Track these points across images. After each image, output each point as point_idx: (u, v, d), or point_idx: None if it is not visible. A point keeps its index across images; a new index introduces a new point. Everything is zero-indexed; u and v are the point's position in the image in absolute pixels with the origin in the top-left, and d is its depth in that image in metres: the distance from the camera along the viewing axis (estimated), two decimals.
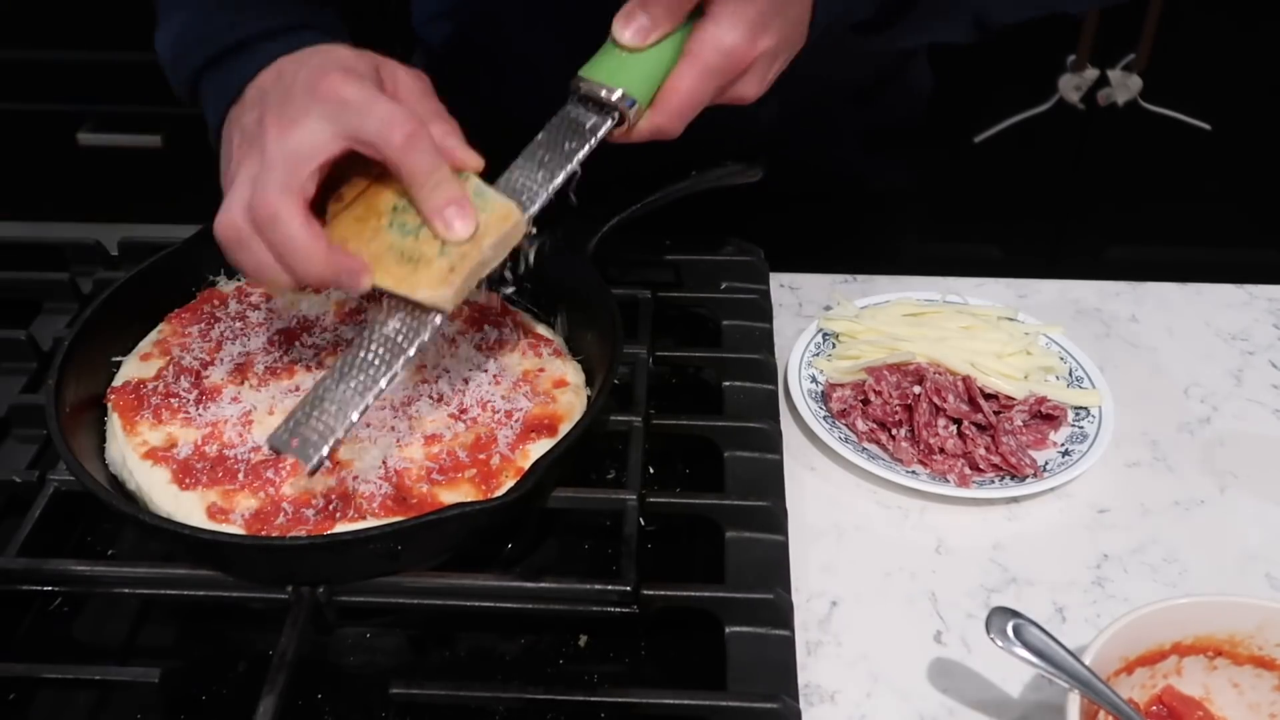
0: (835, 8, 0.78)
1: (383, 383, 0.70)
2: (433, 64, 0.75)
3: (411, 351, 0.70)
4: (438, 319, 0.70)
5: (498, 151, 0.74)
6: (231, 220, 0.69)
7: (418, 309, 0.70)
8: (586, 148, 0.73)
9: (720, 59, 0.71)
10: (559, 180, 0.72)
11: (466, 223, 0.69)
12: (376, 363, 0.70)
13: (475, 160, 0.71)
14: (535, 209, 0.72)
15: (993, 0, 0.91)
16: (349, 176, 0.72)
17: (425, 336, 0.70)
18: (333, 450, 0.68)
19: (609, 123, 0.72)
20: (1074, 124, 2.11)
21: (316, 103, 0.68)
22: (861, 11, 0.83)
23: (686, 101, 0.72)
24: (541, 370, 0.85)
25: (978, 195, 2.21)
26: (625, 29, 0.71)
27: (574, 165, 0.73)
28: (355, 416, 0.69)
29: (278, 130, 0.69)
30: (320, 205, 0.72)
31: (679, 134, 0.74)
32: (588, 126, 0.73)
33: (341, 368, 0.70)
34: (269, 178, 0.68)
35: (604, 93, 0.72)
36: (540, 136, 0.74)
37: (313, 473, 0.69)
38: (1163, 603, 0.68)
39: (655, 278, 1.01)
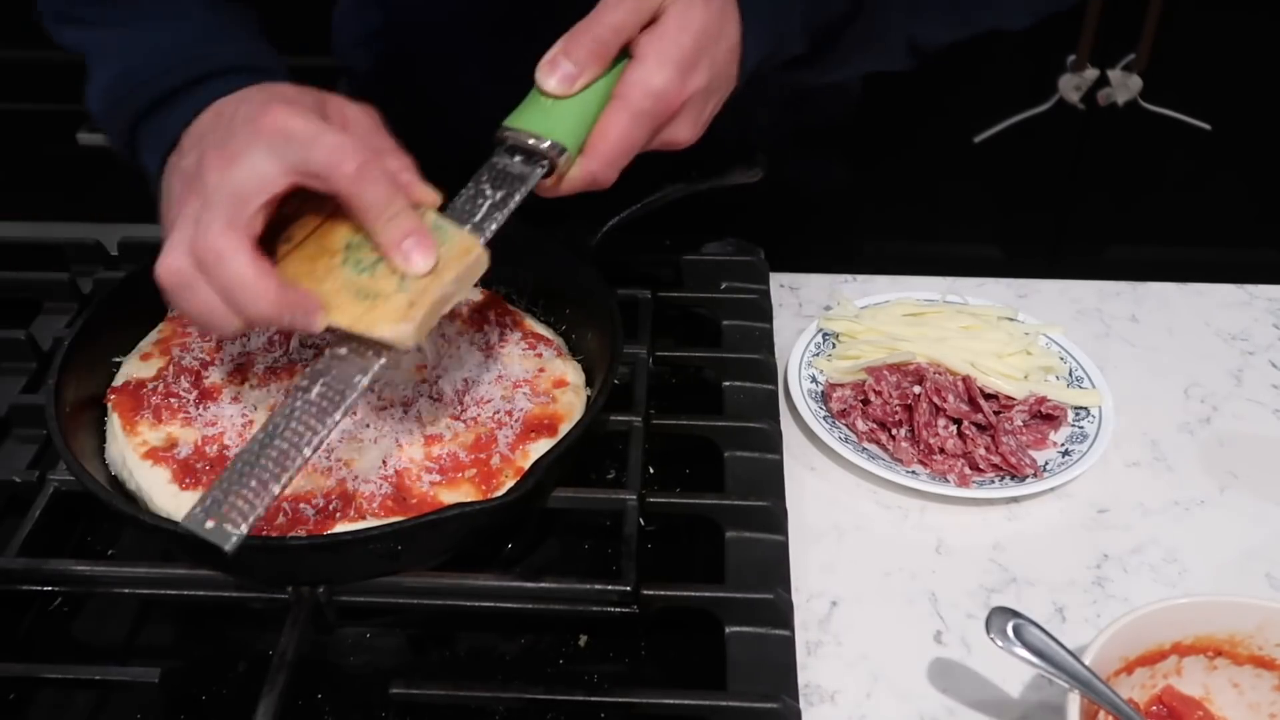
0: (765, 46, 0.76)
1: (314, 443, 0.65)
2: (357, 94, 0.73)
3: (339, 413, 0.65)
4: (378, 365, 0.66)
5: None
6: (174, 263, 0.65)
7: (361, 355, 0.67)
8: (516, 199, 0.70)
9: (650, 101, 0.69)
10: (489, 233, 0.69)
11: (426, 255, 0.65)
12: (308, 420, 0.65)
13: (432, 195, 0.68)
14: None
15: (923, 25, 0.89)
16: (298, 216, 0.69)
17: (359, 390, 0.66)
18: (253, 527, 0.63)
19: (539, 172, 0.70)
20: (1074, 124, 2.11)
21: (260, 137, 0.65)
22: (793, 48, 0.81)
23: (618, 147, 0.70)
24: (541, 370, 0.85)
25: (978, 195, 2.21)
26: (550, 77, 0.69)
27: (504, 218, 0.69)
28: (277, 489, 0.63)
29: (219, 167, 0.65)
30: (270, 248, 0.68)
31: (613, 181, 0.72)
32: (516, 176, 0.70)
33: (270, 426, 0.65)
34: (212, 216, 0.64)
35: (531, 142, 0.69)
36: (469, 188, 0.71)
37: (231, 552, 0.62)
38: (1163, 603, 0.68)
39: (655, 278, 1.01)
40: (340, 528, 0.71)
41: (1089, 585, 0.82)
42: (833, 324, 1.01)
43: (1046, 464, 0.89)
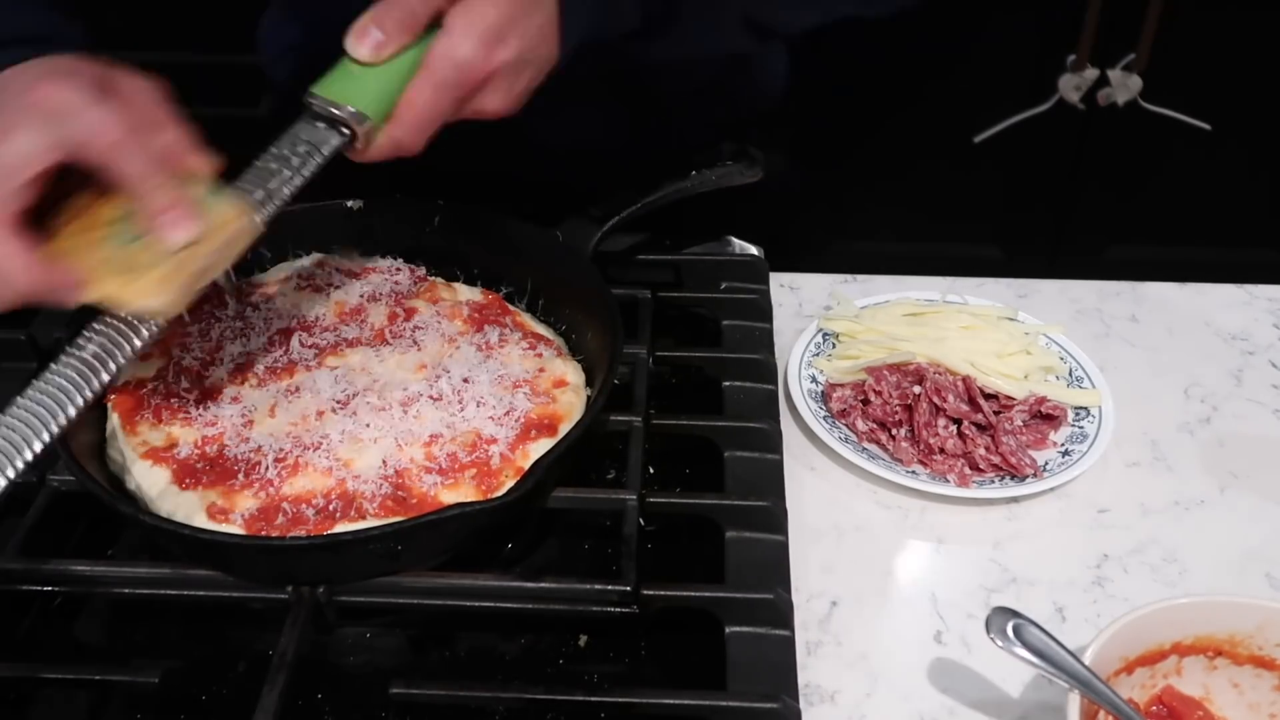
0: (590, 19, 0.76)
1: (70, 411, 0.67)
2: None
3: (106, 374, 0.68)
4: (145, 332, 0.69)
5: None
6: None
7: (128, 322, 0.69)
8: (313, 164, 0.71)
9: (455, 73, 0.70)
10: (286, 194, 0.71)
11: (185, 228, 0.66)
12: (68, 386, 0.67)
13: (205, 164, 0.69)
14: (260, 220, 0.70)
15: (763, 6, 0.89)
16: (81, 191, 0.70)
17: (125, 355, 0.69)
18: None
19: (336, 139, 0.71)
20: (1074, 124, 2.11)
21: (27, 112, 0.65)
22: (627, 22, 0.81)
23: (423, 115, 0.71)
24: (541, 370, 0.85)
25: (978, 195, 2.21)
26: (359, 45, 0.70)
27: (301, 183, 0.71)
28: (30, 454, 0.65)
29: None
30: (52, 222, 0.69)
31: (419, 149, 0.73)
32: (316, 143, 0.71)
33: (32, 391, 0.67)
34: None
35: (334, 110, 0.71)
36: (271, 150, 0.72)
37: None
38: (1163, 603, 0.68)
39: (655, 278, 1.01)
40: (340, 528, 0.71)
41: (1089, 585, 0.82)
42: (833, 324, 1.01)
43: (1046, 464, 0.89)
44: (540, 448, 0.78)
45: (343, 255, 0.96)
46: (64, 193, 0.68)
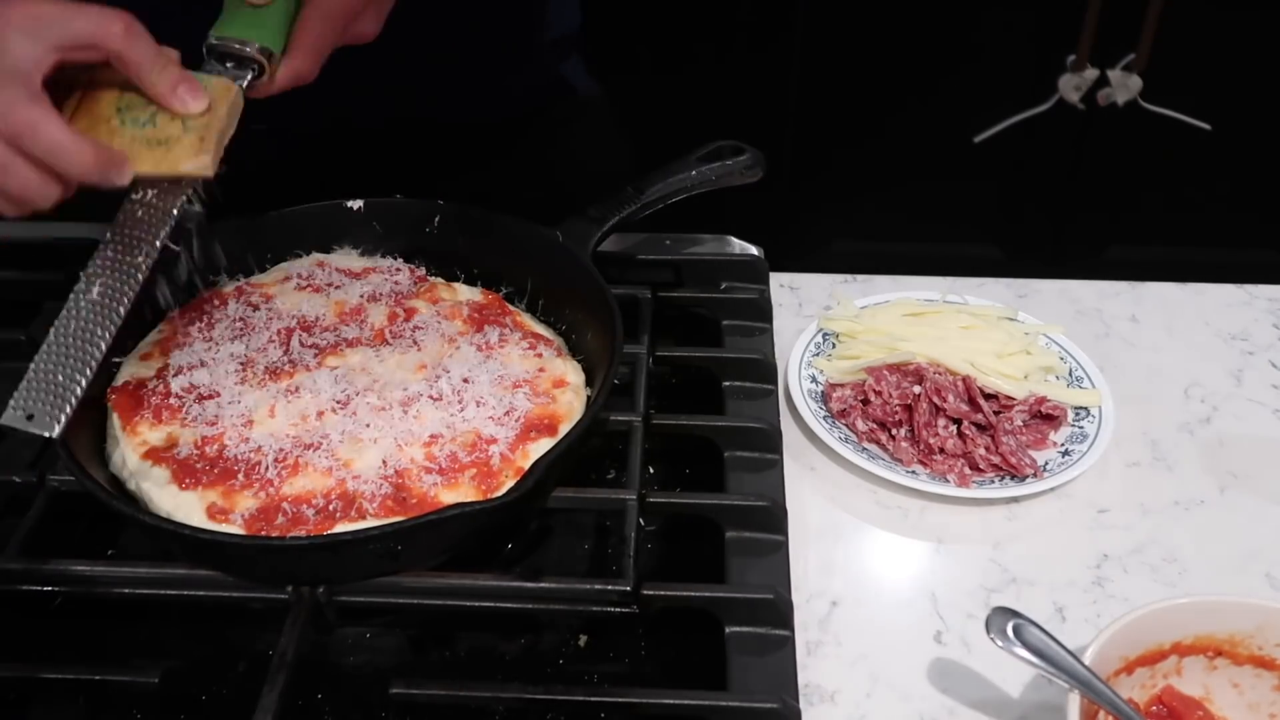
0: None
1: (109, 333, 0.71)
2: None
3: (154, 247, 0.73)
4: (175, 208, 0.73)
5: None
6: None
7: (159, 200, 0.73)
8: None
9: (338, 5, 0.78)
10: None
11: (200, 97, 0.73)
12: (96, 318, 0.71)
13: (172, 51, 0.73)
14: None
15: None
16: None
17: (164, 234, 0.73)
18: (74, 409, 0.68)
19: (249, 75, 0.76)
20: (1074, 124, 2.11)
21: (12, 27, 0.68)
22: None
23: (317, 44, 0.78)
24: (541, 370, 0.85)
25: (978, 195, 2.21)
26: None
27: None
28: (95, 364, 0.70)
29: None
30: None
31: (314, 77, 0.79)
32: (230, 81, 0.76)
33: (59, 328, 0.71)
34: (5, 97, 0.67)
35: (239, 47, 0.76)
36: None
37: (56, 439, 0.68)
38: (1163, 603, 0.68)
39: (655, 278, 1.01)
40: (340, 528, 0.71)
41: (1089, 585, 0.82)
42: (833, 324, 1.01)
43: (1046, 464, 0.89)
44: (540, 448, 0.78)
45: (343, 255, 0.96)
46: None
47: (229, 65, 0.76)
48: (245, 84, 0.76)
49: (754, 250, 1.08)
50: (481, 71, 1.11)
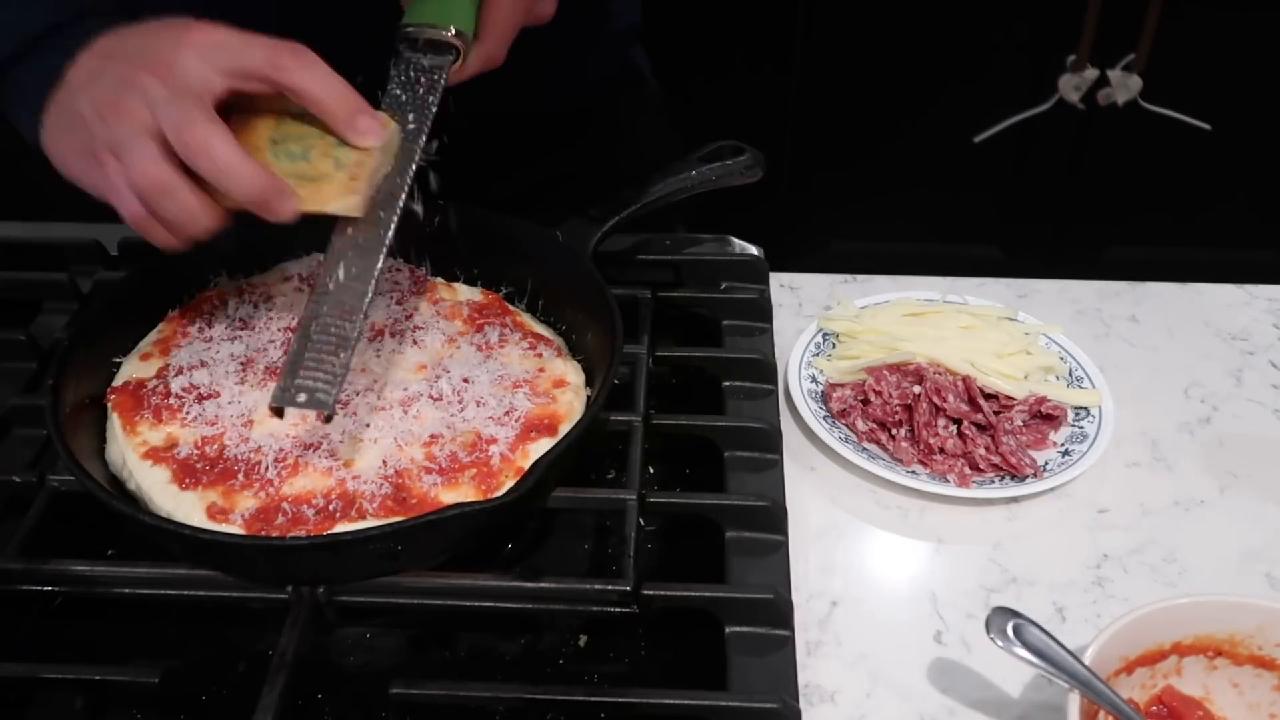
0: None
1: (364, 307, 0.72)
2: None
3: (374, 277, 0.73)
4: (388, 238, 0.73)
5: None
6: (152, 170, 0.67)
7: (360, 241, 0.73)
8: (438, 91, 0.75)
9: None
10: (427, 129, 0.75)
11: (375, 130, 0.71)
12: (347, 297, 0.72)
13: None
14: (417, 131, 0.75)
15: None
16: None
17: (381, 258, 0.73)
18: (340, 390, 0.71)
19: (450, 59, 0.75)
20: (1074, 124, 2.11)
21: (189, 49, 0.68)
22: None
23: (507, 25, 0.76)
24: (541, 370, 0.85)
25: (978, 195, 2.21)
26: None
27: (434, 113, 0.75)
28: (354, 346, 0.71)
29: (158, 78, 0.67)
30: None
31: (503, 60, 0.77)
32: (431, 68, 0.75)
33: (312, 311, 0.73)
34: (185, 115, 0.66)
35: (436, 33, 0.75)
36: (392, 88, 0.76)
37: (329, 418, 0.72)
38: (1163, 603, 0.68)
39: (655, 278, 1.01)
40: (340, 528, 0.71)
41: (1089, 585, 0.82)
42: (833, 324, 1.01)
43: (1046, 464, 0.89)
44: (540, 448, 0.78)
45: None
46: None
47: (426, 52, 0.75)
48: (445, 72, 0.75)
49: (754, 250, 1.08)
50: (555, 58, 1.05)
